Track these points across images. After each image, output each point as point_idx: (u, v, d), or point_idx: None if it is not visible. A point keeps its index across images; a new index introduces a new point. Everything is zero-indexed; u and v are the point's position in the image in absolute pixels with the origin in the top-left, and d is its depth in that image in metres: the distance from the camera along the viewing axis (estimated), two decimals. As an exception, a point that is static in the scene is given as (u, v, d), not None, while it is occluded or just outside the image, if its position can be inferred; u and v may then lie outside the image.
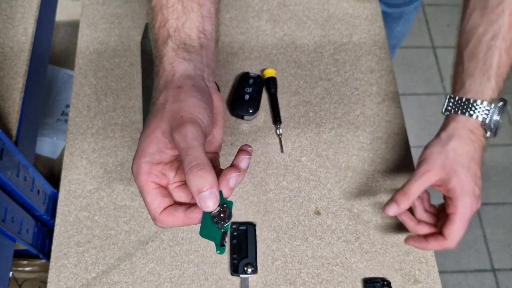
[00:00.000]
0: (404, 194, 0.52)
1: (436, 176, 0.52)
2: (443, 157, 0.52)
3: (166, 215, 0.41)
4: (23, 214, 0.60)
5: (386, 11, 0.96)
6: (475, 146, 0.53)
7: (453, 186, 0.51)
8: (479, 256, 1.44)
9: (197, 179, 0.37)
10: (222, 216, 0.40)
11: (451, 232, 0.51)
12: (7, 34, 0.65)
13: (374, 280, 0.57)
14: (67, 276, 0.56)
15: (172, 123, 0.40)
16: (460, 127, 0.53)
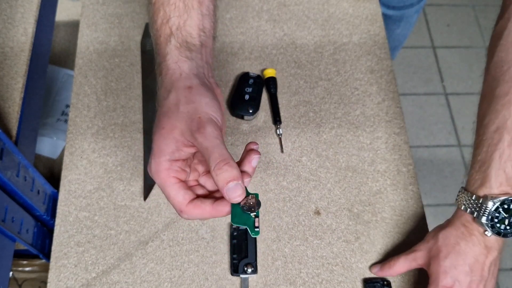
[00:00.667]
0: (389, 267, 0.56)
1: (421, 257, 0.53)
2: (432, 242, 0.52)
3: (193, 207, 0.43)
4: (23, 214, 0.60)
5: (386, 13, 0.95)
6: (468, 241, 0.50)
7: (432, 270, 0.51)
8: (479, 256, 1.43)
9: (223, 173, 0.40)
10: (251, 205, 0.43)
11: None
12: (7, 34, 0.65)
13: (374, 280, 0.57)
14: (67, 276, 0.56)
15: (190, 124, 0.42)
16: (456, 218, 0.52)
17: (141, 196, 0.61)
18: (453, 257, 0.50)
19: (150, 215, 0.60)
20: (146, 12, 0.51)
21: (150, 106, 0.67)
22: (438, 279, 0.50)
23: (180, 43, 0.47)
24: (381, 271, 0.56)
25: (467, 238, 0.50)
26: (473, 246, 0.50)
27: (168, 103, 0.44)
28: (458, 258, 0.50)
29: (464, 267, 0.49)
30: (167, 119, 0.43)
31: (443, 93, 1.71)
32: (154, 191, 0.61)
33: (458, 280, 0.49)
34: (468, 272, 0.49)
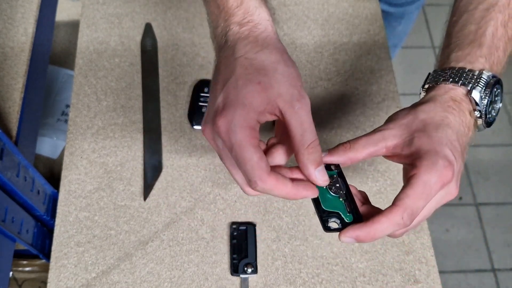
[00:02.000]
0: (344, 145, 0.42)
1: (395, 136, 0.41)
2: (410, 118, 0.42)
3: (276, 180, 0.37)
4: (23, 214, 0.60)
5: (388, 10, 0.96)
6: (456, 116, 0.42)
7: (418, 145, 0.39)
8: (479, 256, 1.44)
9: (316, 154, 0.37)
10: (338, 186, 0.41)
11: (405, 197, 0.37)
12: (7, 34, 0.65)
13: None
14: (67, 276, 0.56)
15: (292, 90, 0.38)
16: (439, 94, 0.43)
17: (141, 196, 0.61)
18: (446, 129, 0.40)
19: (150, 215, 0.60)
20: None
21: (150, 106, 0.67)
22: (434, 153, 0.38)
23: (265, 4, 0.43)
24: (330, 156, 0.42)
25: (455, 113, 0.42)
26: (460, 122, 0.42)
27: (262, 59, 0.40)
28: (450, 132, 0.40)
29: (456, 143, 0.40)
30: (263, 76, 0.38)
31: (443, 93, 1.71)
32: (154, 191, 0.61)
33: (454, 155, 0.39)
34: (460, 151, 0.40)
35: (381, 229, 0.37)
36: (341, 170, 0.43)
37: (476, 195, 1.53)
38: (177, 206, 0.60)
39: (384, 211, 0.38)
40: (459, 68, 0.43)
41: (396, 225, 0.37)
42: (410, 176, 0.39)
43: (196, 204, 0.61)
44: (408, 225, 0.38)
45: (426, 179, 0.37)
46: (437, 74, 0.45)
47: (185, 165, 0.63)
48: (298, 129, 0.37)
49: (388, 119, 0.44)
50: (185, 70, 0.70)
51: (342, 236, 0.38)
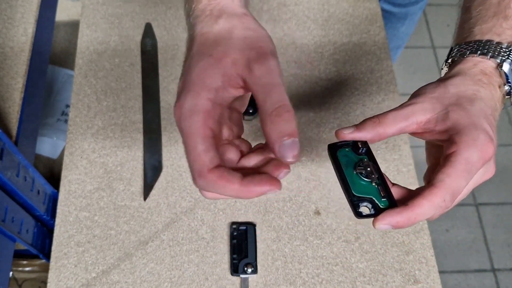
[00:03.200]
0: (372, 119, 0.38)
1: (427, 110, 0.38)
2: (440, 91, 0.39)
3: (218, 177, 0.31)
4: (23, 214, 0.60)
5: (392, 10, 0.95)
6: (487, 89, 0.39)
7: (455, 119, 0.36)
8: (479, 256, 1.44)
9: (282, 124, 0.31)
10: (369, 170, 0.38)
11: (446, 177, 0.34)
12: (7, 34, 0.65)
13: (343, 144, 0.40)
14: (67, 276, 0.56)
15: (248, 53, 0.33)
16: (469, 67, 0.40)
17: (141, 196, 0.61)
18: (480, 103, 0.37)
19: (150, 215, 0.60)
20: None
21: (150, 106, 0.67)
22: (473, 127, 0.35)
23: None
24: (357, 132, 0.38)
25: (485, 86, 0.39)
26: (491, 96, 0.39)
27: (217, 30, 0.35)
28: (484, 105, 0.38)
29: (491, 117, 0.37)
30: (215, 47, 0.34)
31: (443, 93, 1.71)
32: (154, 191, 0.61)
33: (491, 128, 0.36)
34: (495, 126, 0.38)
35: (421, 213, 0.34)
36: (370, 149, 0.40)
37: (476, 195, 1.53)
38: (177, 206, 0.60)
39: (423, 193, 0.34)
40: (487, 41, 0.41)
41: (438, 207, 0.34)
42: (449, 153, 0.35)
43: (196, 204, 0.61)
44: (450, 206, 0.35)
45: (468, 155, 0.34)
46: (462, 47, 0.42)
47: (185, 165, 0.63)
48: (261, 95, 0.32)
49: (414, 94, 0.41)
50: (185, 70, 0.70)
51: (378, 223, 0.35)
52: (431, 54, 1.80)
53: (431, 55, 1.80)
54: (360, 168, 0.38)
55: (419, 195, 0.35)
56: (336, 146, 0.40)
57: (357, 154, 0.39)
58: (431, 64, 1.78)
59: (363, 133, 0.38)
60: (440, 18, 1.88)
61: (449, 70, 0.42)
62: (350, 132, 0.38)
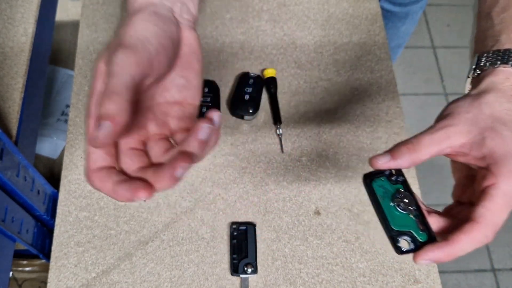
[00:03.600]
0: (406, 145, 0.37)
1: (462, 134, 0.37)
2: (474, 112, 0.37)
3: (96, 178, 0.33)
4: (23, 214, 0.60)
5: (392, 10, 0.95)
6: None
7: (491, 147, 0.36)
8: (479, 256, 1.44)
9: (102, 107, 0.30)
10: (406, 202, 0.37)
11: (487, 211, 0.34)
12: (7, 34, 0.65)
13: (378, 173, 0.40)
14: (67, 276, 0.56)
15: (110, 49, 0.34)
16: (500, 80, 0.39)
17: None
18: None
19: (150, 215, 0.60)
20: None
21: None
22: (510, 157, 0.35)
23: None
24: (393, 160, 0.37)
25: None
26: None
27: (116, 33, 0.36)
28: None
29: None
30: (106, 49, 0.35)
31: (443, 93, 1.71)
32: (154, 191, 0.61)
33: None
34: None
35: (463, 249, 0.34)
36: (405, 178, 0.39)
37: (476, 195, 1.53)
38: (177, 206, 0.60)
39: (464, 228, 0.34)
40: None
41: (479, 243, 0.35)
42: (487, 186, 0.35)
43: (196, 204, 0.61)
44: (491, 241, 0.35)
45: (507, 189, 0.34)
46: (490, 56, 0.41)
47: (185, 165, 0.63)
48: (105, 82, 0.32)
49: (447, 111, 0.39)
50: (185, 70, 0.70)
51: (419, 259, 0.35)
52: (431, 54, 1.80)
53: (431, 55, 1.80)
54: (398, 200, 0.38)
55: (460, 230, 0.35)
56: (371, 175, 0.39)
57: (392, 183, 0.39)
58: (431, 64, 1.78)
59: (399, 161, 0.37)
60: (440, 18, 1.88)
61: (479, 80, 0.41)
62: (386, 161, 0.37)
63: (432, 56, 1.80)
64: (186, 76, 0.39)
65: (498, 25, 0.43)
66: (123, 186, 0.32)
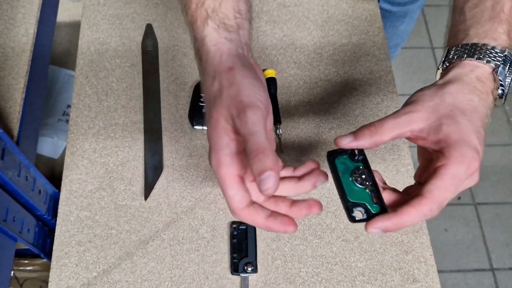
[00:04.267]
0: (369, 128, 0.41)
1: (422, 119, 0.40)
2: (436, 100, 0.41)
3: (248, 213, 0.39)
4: (24, 214, 0.60)
5: (391, 9, 0.96)
6: (481, 98, 0.41)
7: (446, 133, 0.39)
8: (478, 256, 1.44)
9: (256, 164, 0.36)
10: (363, 178, 0.41)
11: (435, 188, 0.37)
12: (8, 35, 0.65)
13: (340, 151, 0.43)
14: (68, 275, 0.56)
15: (232, 110, 0.39)
16: (465, 72, 0.42)
17: (142, 196, 0.61)
18: (473, 115, 0.40)
19: (151, 214, 0.60)
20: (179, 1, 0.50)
21: (151, 106, 0.67)
22: (463, 143, 0.38)
23: (218, 25, 0.44)
24: (355, 141, 0.41)
25: (480, 95, 0.41)
26: (484, 104, 0.41)
27: (213, 91, 0.41)
28: (476, 117, 0.40)
29: (481, 129, 0.40)
30: (213, 107, 0.41)
31: (442, 94, 1.71)
32: (154, 190, 0.62)
33: (479, 142, 0.39)
34: (483, 136, 0.40)
35: (409, 220, 0.38)
36: (365, 157, 0.42)
37: (474, 195, 1.54)
38: (178, 206, 0.61)
39: (412, 202, 0.38)
40: (483, 45, 0.42)
41: (424, 216, 0.38)
42: (438, 166, 0.38)
43: (197, 203, 0.61)
44: (435, 215, 0.38)
45: (455, 171, 0.38)
46: (459, 50, 0.44)
47: (186, 165, 0.63)
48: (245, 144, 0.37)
49: (412, 98, 0.43)
50: (185, 70, 0.71)
51: (369, 227, 0.39)
52: (430, 55, 1.80)
53: (430, 56, 1.80)
54: (356, 175, 0.41)
55: (408, 203, 0.38)
56: (335, 153, 0.43)
57: (353, 161, 0.42)
58: (430, 64, 1.78)
59: (361, 142, 0.41)
60: (439, 19, 1.89)
61: (446, 72, 0.44)
62: (349, 141, 0.41)
63: (431, 56, 1.80)
64: None
65: (469, 20, 0.45)
66: (275, 221, 0.39)
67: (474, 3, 0.46)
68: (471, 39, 0.44)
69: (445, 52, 0.46)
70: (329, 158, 0.43)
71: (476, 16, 0.45)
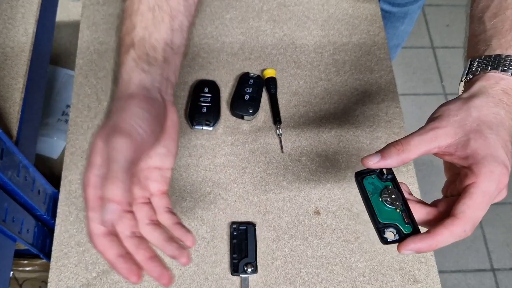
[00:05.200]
0: (396, 146, 0.40)
1: (448, 135, 0.39)
2: (462, 115, 0.40)
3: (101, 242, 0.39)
4: (23, 214, 0.60)
5: (391, 10, 0.96)
6: (507, 111, 0.40)
7: (474, 149, 0.38)
8: (478, 256, 1.44)
9: (104, 191, 0.36)
10: (393, 197, 0.40)
11: (467, 208, 0.37)
12: (7, 35, 0.65)
13: (369, 171, 0.43)
14: (68, 276, 0.56)
15: (107, 133, 0.39)
16: (490, 85, 0.41)
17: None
18: (500, 129, 0.39)
19: (151, 215, 0.60)
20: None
21: (150, 106, 0.67)
22: (491, 159, 0.37)
23: (139, 56, 0.44)
24: (383, 160, 0.40)
25: (506, 108, 0.40)
26: (510, 117, 0.41)
27: (107, 113, 0.43)
28: (504, 132, 0.39)
29: (509, 143, 0.39)
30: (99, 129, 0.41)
31: (442, 93, 1.71)
32: (154, 191, 0.61)
33: (508, 156, 0.39)
34: (510, 149, 0.39)
35: (442, 241, 0.37)
36: (394, 176, 0.42)
37: (475, 195, 1.53)
38: (178, 206, 0.61)
39: (445, 223, 0.37)
40: (507, 56, 0.42)
41: (458, 237, 0.37)
42: (468, 184, 0.38)
43: (196, 204, 0.61)
44: (469, 235, 0.38)
45: (486, 188, 0.37)
46: (482, 62, 0.43)
47: (185, 165, 0.63)
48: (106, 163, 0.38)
49: (437, 113, 0.42)
50: (184, 70, 0.70)
51: (402, 249, 0.38)
52: (431, 54, 1.80)
53: (430, 55, 1.80)
54: (385, 196, 0.41)
55: (441, 224, 0.37)
56: (362, 173, 0.43)
57: (382, 180, 0.42)
58: (430, 64, 1.78)
59: (388, 161, 0.40)
60: (440, 19, 1.89)
61: (470, 85, 0.43)
62: (377, 161, 0.40)
63: (431, 56, 1.80)
64: (167, 145, 0.45)
65: (490, 30, 0.45)
66: (123, 264, 0.39)
67: (493, 13, 0.45)
68: (493, 50, 0.43)
69: (468, 63, 0.45)
70: (357, 179, 0.43)
71: (497, 26, 0.44)
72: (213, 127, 0.65)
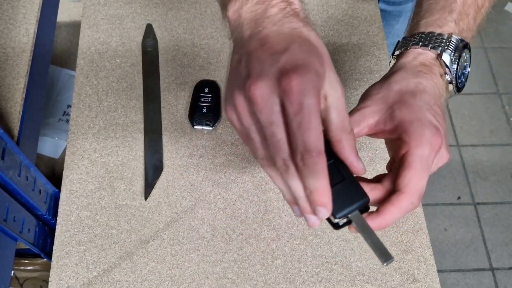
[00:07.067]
0: None
1: (375, 113, 0.40)
2: (384, 91, 0.41)
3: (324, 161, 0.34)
4: (24, 214, 0.60)
5: (386, 9, 0.96)
6: (428, 79, 0.41)
7: (400, 118, 0.38)
8: (477, 255, 1.44)
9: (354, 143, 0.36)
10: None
11: (408, 181, 0.36)
12: (8, 35, 0.65)
13: None
14: (69, 275, 0.56)
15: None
16: (409, 60, 0.43)
17: (142, 196, 0.61)
18: (422, 95, 0.39)
19: (151, 214, 0.60)
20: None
21: (151, 106, 0.68)
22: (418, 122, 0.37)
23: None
24: None
25: (427, 76, 0.41)
26: (434, 85, 0.41)
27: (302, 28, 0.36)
28: (427, 97, 0.40)
29: (435, 107, 0.39)
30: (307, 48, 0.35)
31: (442, 93, 1.71)
32: (155, 190, 0.62)
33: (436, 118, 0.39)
34: (440, 113, 0.40)
35: (391, 218, 0.37)
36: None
37: (474, 195, 1.54)
38: (178, 206, 0.61)
39: (391, 200, 0.37)
40: (429, 33, 0.43)
41: (407, 210, 0.37)
42: (403, 154, 0.37)
43: (197, 203, 0.61)
44: (418, 205, 0.37)
45: (420, 153, 0.36)
46: (406, 40, 0.44)
47: (186, 165, 0.64)
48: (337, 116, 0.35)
49: (362, 97, 0.43)
50: (185, 70, 0.71)
51: (352, 229, 0.38)
52: (430, 54, 1.81)
53: (430, 55, 1.80)
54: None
55: (388, 201, 0.37)
56: None
57: None
58: (430, 64, 1.78)
59: None
60: (439, 18, 1.89)
61: (393, 64, 0.44)
62: None
63: (431, 56, 1.80)
64: None
65: (423, 11, 0.46)
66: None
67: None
68: (419, 28, 0.44)
69: (395, 44, 0.46)
70: None
71: (431, 7, 0.45)
72: (214, 127, 0.66)
